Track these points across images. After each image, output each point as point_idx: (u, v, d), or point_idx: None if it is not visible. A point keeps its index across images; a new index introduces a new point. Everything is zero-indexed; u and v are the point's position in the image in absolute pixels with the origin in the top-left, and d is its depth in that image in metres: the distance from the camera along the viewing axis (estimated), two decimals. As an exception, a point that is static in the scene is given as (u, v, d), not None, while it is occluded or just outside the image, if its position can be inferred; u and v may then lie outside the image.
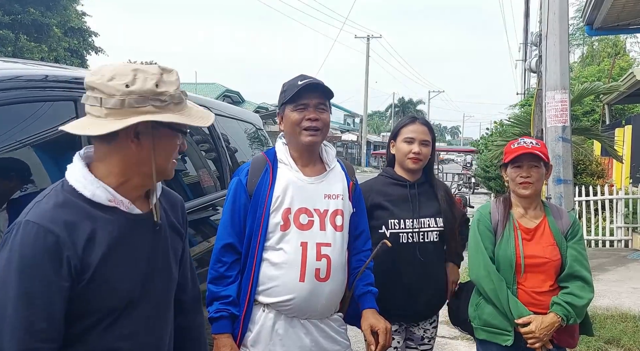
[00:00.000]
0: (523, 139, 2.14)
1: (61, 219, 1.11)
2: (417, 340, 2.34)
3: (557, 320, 1.99)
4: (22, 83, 1.67)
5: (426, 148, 2.26)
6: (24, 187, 1.65)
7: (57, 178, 1.79)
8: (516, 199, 2.16)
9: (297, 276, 1.75)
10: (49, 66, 2.19)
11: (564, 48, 4.75)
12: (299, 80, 1.85)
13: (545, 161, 2.09)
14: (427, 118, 42.31)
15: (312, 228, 1.80)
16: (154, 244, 1.27)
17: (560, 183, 4.65)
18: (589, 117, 13.73)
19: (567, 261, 2.06)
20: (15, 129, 1.62)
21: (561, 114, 4.67)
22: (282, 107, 1.87)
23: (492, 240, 2.13)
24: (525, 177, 2.07)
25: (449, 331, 4.37)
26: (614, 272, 6.46)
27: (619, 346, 4.00)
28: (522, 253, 2.06)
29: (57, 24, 21.29)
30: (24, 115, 1.66)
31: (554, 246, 2.07)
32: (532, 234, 2.10)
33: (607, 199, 8.58)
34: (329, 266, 1.78)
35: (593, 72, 16.42)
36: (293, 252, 1.76)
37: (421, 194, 2.28)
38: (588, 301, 2.04)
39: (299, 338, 1.78)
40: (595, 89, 8.44)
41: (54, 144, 1.78)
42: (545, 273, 2.06)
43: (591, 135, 8.99)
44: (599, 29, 7.12)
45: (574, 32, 20.39)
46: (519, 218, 2.14)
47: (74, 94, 1.82)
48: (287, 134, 1.89)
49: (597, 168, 10.05)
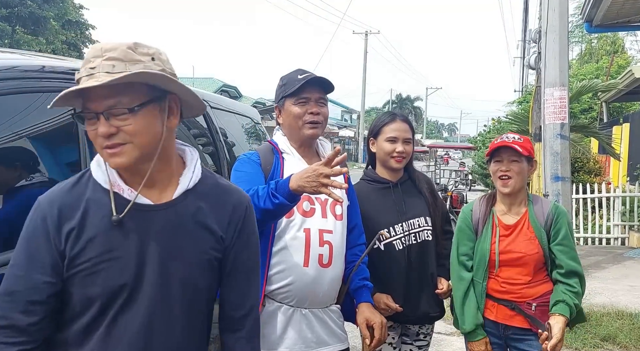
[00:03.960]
0: (507, 135, 2.17)
1: (58, 201, 1.15)
2: (413, 336, 2.32)
3: (566, 320, 2.01)
4: (19, 74, 1.65)
5: (409, 146, 2.24)
6: (21, 178, 1.64)
7: (54, 168, 1.79)
8: (500, 195, 2.19)
9: (302, 261, 1.76)
10: (46, 56, 2.16)
11: (563, 45, 4.74)
12: (299, 74, 1.86)
13: (527, 155, 2.10)
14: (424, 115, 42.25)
15: (314, 215, 1.82)
16: (161, 239, 1.16)
17: (558, 180, 4.65)
18: (587, 115, 13.76)
19: (561, 258, 2.07)
20: (12, 120, 1.61)
21: (560, 111, 4.67)
22: (282, 101, 1.88)
23: (471, 238, 2.17)
24: (505, 171, 2.10)
25: (445, 328, 4.38)
26: (611, 270, 6.48)
27: (615, 344, 4.01)
28: (497, 249, 2.10)
29: (54, 17, 21.20)
30: (20, 106, 1.64)
31: (531, 241, 2.09)
32: (511, 230, 2.13)
33: (604, 197, 8.61)
34: (331, 252, 1.80)
35: (591, 69, 16.43)
36: (297, 238, 1.77)
37: (406, 194, 2.25)
38: (583, 294, 2.11)
39: (300, 329, 1.78)
40: (594, 86, 8.44)
41: (51, 135, 1.76)
42: (521, 266, 2.09)
43: (589, 133, 9.01)
44: (599, 26, 7.11)
45: (572, 30, 20.38)
46: (501, 214, 2.17)
47: (72, 85, 1.80)
48: (287, 127, 1.90)
49: (594, 166, 10.08)
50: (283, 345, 1.76)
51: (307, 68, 1.98)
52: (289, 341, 1.77)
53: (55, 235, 1.13)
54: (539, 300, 2.08)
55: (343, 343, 1.89)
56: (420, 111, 60.96)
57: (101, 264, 1.13)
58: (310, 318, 1.80)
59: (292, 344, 1.77)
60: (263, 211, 1.59)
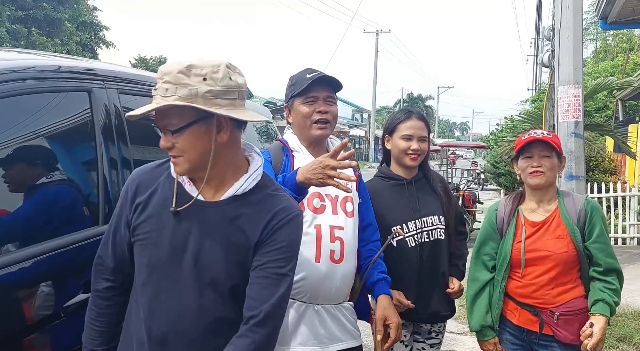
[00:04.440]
0: (534, 131, 2.11)
1: (139, 178, 1.38)
2: (425, 334, 2.32)
3: (607, 321, 1.94)
4: (36, 74, 1.68)
5: (424, 144, 2.23)
6: (37, 176, 1.66)
7: (70, 167, 1.82)
8: (529, 191, 2.12)
9: (313, 256, 1.77)
10: (62, 57, 2.20)
11: (577, 42, 4.69)
12: (307, 73, 1.88)
13: (557, 151, 2.04)
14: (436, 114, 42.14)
15: (325, 211, 1.83)
16: (202, 232, 1.29)
17: (572, 179, 4.60)
18: (602, 114, 13.59)
19: (598, 255, 2.00)
20: (29, 119, 1.64)
21: (574, 109, 4.62)
22: (291, 100, 1.90)
23: (495, 238, 2.13)
24: (537, 166, 2.03)
25: (458, 327, 4.36)
26: (627, 270, 6.35)
27: (630, 344, 3.97)
28: (523, 247, 2.04)
29: (68, 19, 21.49)
30: (37, 105, 1.67)
31: (560, 239, 2.00)
32: (539, 227, 2.06)
33: (620, 197, 8.49)
34: (343, 248, 1.81)
35: (607, 67, 16.22)
36: (308, 233, 1.77)
37: (420, 191, 2.24)
38: (621, 290, 2.03)
39: (312, 325, 1.79)
40: (609, 84, 8.32)
41: (67, 134, 1.79)
42: (549, 266, 2.01)
43: (604, 131, 8.89)
44: (614, 23, 7.01)
45: (587, 27, 20.15)
46: (528, 213, 2.10)
47: (88, 85, 1.83)
48: (297, 126, 1.91)
49: (609, 165, 9.96)
50: (295, 341, 1.77)
51: (318, 68, 1.98)
52: (301, 337, 1.77)
53: (129, 205, 1.34)
54: (563, 309, 1.98)
55: (356, 340, 1.89)
56: (431, 110, 60.52)
57: (150, 239, 1.31)
58: (322, 314, 1.80)
59: (305, 340, 1.77)
60: None
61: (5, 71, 1.54)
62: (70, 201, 1.77)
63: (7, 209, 1.52)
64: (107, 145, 1.85)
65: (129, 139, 1.96)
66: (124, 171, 1.90)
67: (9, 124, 1.55)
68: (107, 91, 1.90)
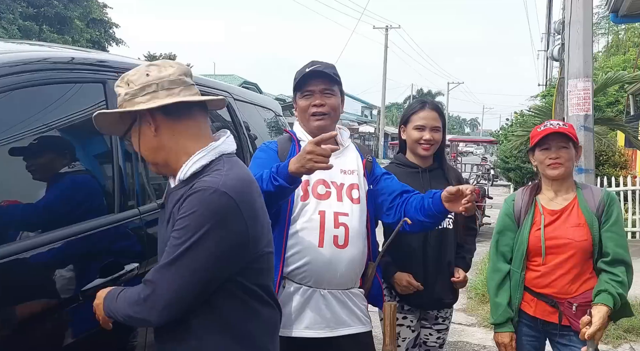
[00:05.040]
0: (550, 122, 2.10)
1: None
2: (432, 319, 2.36)
3: (609, 311, 1.91)
4: (49, 65, 1.69)
5: (437, 134, 2.27)
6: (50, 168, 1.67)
7: (83, 159, 1.84)
8: (546, 182, 2.12)
9: (316, 242, 1.80)
10: (74, 49, 2.23)
11: (587, 35, 4.66)
12: (307, 67, 1.92)
13: (574, 141, 2.04)
14: (446, 110, 41.80)
15: (330, 198, 1.86)
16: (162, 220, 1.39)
17: (582, 172, 4.60)
18: (613, 108, 13.45)
19: (608, 244, 1.99)
20: (44, 110, 1.64)
21: (584, 103, 4.61)
22: (294, 95, 1.98)
23: (512, 228, 2.12)
24: (555, 158, 2.03)
25: (466, 319, 4.40)
26: (636, 263, 6.31)
27: (637, 335, 3.99)
28: (542, 235, 2.03)
29: (79, 16, 21.68)
30: (52, 96, 1.68)
31: (579, 227, 2.01)
32: (558, 215, 2.05)
33: (630, 190, 8.43)
34: (347, 234, 1.83)
35: (618, 62, 16.04)
36: (312, 219, 1.81)
37: (433, 180, 2.28)
38: (630, 286, 1.99)
39: (318, 309, 1.81)
40: (620, 78, 8.25)
41: (81, 126, 1.79)
42: (568, 254, 2.00)
43: (615, 125, 8.84)
44: (625, 17, 6.94)
45: (598, 21, 19.89)
46: (546, 202, 2.10)
47: (103, 76, 1.86)
48: (300, 119, 1.99)
49: (620, 159, 9.88)
50: (302, 324, 1.80)
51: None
52: (308, 321, 1.80)
53: None
54: (581, 299, 1.99)
55: (365, 326, 1.90)
56: (441, 106, 60.14)
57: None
58: (329, 299, 1.83)
59: (311, 323, 1.80)
60: (266, 193, 1.61)
61: (19, 63, 1.55)
62: (87, 190, 1.80)
63: (21, 199, 1.52)
64: (121, 138, 1.87)
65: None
66: (137, 163, 1.94)
67: (25, 116, 1.56)
68: (121, 82, 1.94)
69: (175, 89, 1.31)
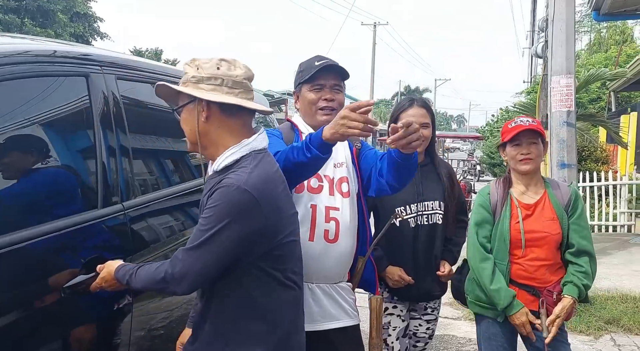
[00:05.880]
0: (519, 118, 2.18)
1: None
2: (421, 310, 2.41)
3: (573, 302, 2.04)
4: (31, 58, 1.66)
5: (427, 130, 2.29)
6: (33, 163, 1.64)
7: (66, 154, 1.80)
8: (517, 176, 2.20)
9: (307, 235, 1.80)
10: (58, 42, 2.20)
11: (570, 33, 4.74)
12: (316, 60, 1.90)
13: (543, 137, 2.13)
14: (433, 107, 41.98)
15: (322, 192, 1.86)
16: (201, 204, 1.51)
17: (564, 167, 4.68)
18: (595, 105, 13.67)
19: (572, 236, 2.10)
20: (26, 104, 1.61)
21: (566, 99, 4.69)
22: (299, 87, 1.95)
23: (490, 220, 2.17)
24: (526, 154, 2.12)
25: (452, 312, 4.45)
26: (616, 256, 6.50)
27: (618, 326, 4.06)
28: (522, 228, 2.10)
29: (62, 10, 21.31)
30: (33, 89, 1.65)
31: (553, 221, 2.11)
32: (533, 209, 2.14)
33: (611, 185, 8.59)
34: (338, 229, 1.84)
35: (600, 59, 16.27)
36: (303, 213, 1.80)
37: (424, 176, 2.31)
38: (594, 275, 2.11)
39: (307, 303, 1.79)
40: (602, 75, 8.39)
41: (65, 120, 1.77)
42: (545, 247, 2.10)
43: (596, 121, 8.98)
44: (606, 15, 7.05)
45: (581, 19, 20.14)
46: (519, 195, 2.17)
47: (86, 69, 1.83)
48: (303, 112, 1.96)
49: (601, 155, 10.04)
50: None
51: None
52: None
53: None
54: (559, 288, 2.08)
55: (352, 319, 1.90)
56: (429, 103, 60.45)
57: None
58: (317, 293, 1.84)
59: None
60: (297, 164, 1.62)
61: (0, 55, 1.51)
62: (69, 186, 1.76)
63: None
64: (105, 132, 1.85)
65: (127, 122, 1.96)
66: (121, 158, 1.92)
67: (5, 109, 1.52)
68: (105, 76, 1.91)
69: (236, 90, 1.45)
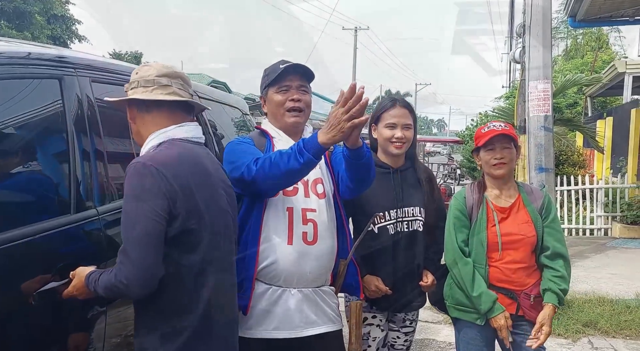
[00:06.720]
0: (492, 123, 2.18)
1: None
2: (399, 322, 2.35)
3: (554, 309, 2.06)
4: (4, 60, 1.63)
5: (409, 131, 2.24)
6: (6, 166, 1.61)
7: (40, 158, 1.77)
8: (490, 181, 2.21)
9: (285, 240, 1.78)
10: (32, 44, 2.16)
11: (546, 38, 4.81)
12: (281, 64, 1.91)
13: (516, 141, 2.15)
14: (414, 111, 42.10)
15: (297, 194, 1.84)
16: None
17: (542, 171, 4.73)
18: (572, 110, 13.96)
19: (547, 239, 2.11)
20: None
21: (543, 104, 4.75)
22: (265, 90, 1.94)
23: (467, 224, 2.17)
24: (499, 158, 2.13)
25: (432, 316, 4.45)
26: (593, 259, 6.60)
27: (596, 329, 4.11)
28: (498, 231, 2.11)
29: (39, 12, 20.92)
30: (6, 91, 1.62)
31: (528, 224, 2.12)
32: (508, 212, 2.15)
33: (588, 189, 8.75)
34: (316, 230, 1.82)
35: (577, 65, 16.65)
36: (280, 217, 1.79)
37: (404, 182, 2.26)
38: (570, 278, 2.13)
39: (288, 309, 1.79)
40: (578, 80, 8.57)
41: (38, 124, 1.74)
42: (521, 249, 2.11)
43: (573, 126, 9.17)
44: (582, 21, 7.22)
45: (558, 26, 20.61)
46: (493, 199, 2.18)
47: (60, 72, 1.81)
48: (271, 115, 1.95)
49: (578, 159, 10.24)
50: (271, 325, 1.78)
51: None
52: (277, 322, 1.78)
53: None
54: (536, 291, 2.10)
55: (335, 324, 1.88)
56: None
57: None
58: (299, 299, 1.81)
59: (281, 324, 1.78)
60: (287, 172, 1.59)
61: None
62: (41, 190, 1.73)
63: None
64: (79, 136, 1.82)
65: (101, 125, 1.94)
66: (96, 162, 1.88)
67: None
68: (79, 79, 1.88)
69: (150, 87, 1.57)
